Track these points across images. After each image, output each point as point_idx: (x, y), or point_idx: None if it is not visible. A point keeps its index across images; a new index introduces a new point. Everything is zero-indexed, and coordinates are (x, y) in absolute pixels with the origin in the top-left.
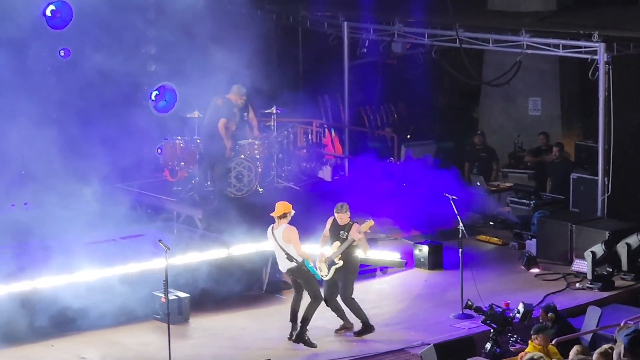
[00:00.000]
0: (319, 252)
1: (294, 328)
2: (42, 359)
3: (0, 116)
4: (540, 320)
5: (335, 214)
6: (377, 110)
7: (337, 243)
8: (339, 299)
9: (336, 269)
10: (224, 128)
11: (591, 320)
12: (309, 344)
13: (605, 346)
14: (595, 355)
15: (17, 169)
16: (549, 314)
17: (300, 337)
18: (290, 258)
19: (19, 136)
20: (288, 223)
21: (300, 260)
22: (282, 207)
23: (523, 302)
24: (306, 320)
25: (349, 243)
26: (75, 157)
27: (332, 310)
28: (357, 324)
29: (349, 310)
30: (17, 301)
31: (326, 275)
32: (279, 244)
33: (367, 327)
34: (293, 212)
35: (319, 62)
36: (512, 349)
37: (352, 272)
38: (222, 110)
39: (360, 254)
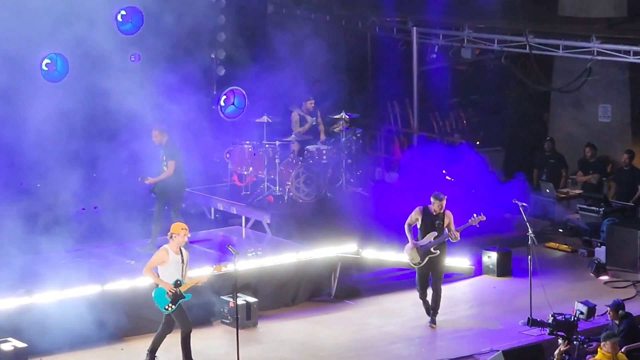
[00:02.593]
0: (410, 242)
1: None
2: None
3: (70, 120)
4: (610, 319)
5: (434, 202)
6: (446, 116)
7: (434, 233)
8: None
9: (430, 258)
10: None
11: None
12: None
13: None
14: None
15: (88, 173)
16: (620, 312)
17: None
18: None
19: (88, 140)
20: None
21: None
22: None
23: (579, 302)
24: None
25: (446, 237)
26: (144, 162)
27: (424, 300)
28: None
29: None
30: (89, 303)
31: (419, 263)
32: None
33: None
34: (178, 236)
35: (387, 67)
36: (589, 348)
37: (444, 260)
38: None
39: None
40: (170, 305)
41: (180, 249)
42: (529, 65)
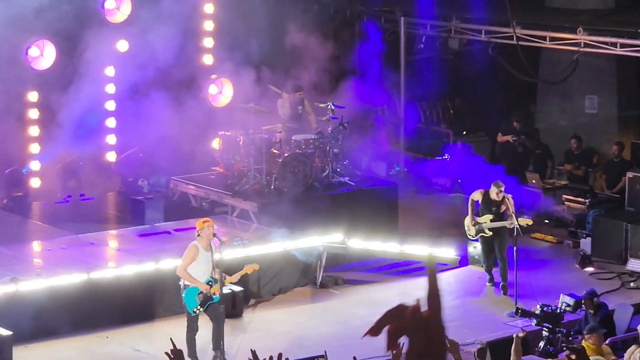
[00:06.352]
0: (470, 215)
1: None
2: (97, 350)
3: (56, 108)
4: (585, 308)
5: (493, 189)
6: (434, 106)
7: (489, 216)
8: None
9: (483, 236)
10: None
11: None
12: None
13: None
14: None
15: (72, 160)
16: (595, 299)
17: None
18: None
19: (70, 129)
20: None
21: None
22: (196, 224)
23: (564, 294)
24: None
25: (505, 224)
26: (130, 149)
27: (489, 274)
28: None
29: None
30: (75, 291)
31: (472, 237)
32: None
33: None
34: (203, 229)
35: (375, 57)
36: (574, 341)
37: (505, 242)
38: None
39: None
40: (198, 307)
41: (210, 246)
42: (516, 56)
